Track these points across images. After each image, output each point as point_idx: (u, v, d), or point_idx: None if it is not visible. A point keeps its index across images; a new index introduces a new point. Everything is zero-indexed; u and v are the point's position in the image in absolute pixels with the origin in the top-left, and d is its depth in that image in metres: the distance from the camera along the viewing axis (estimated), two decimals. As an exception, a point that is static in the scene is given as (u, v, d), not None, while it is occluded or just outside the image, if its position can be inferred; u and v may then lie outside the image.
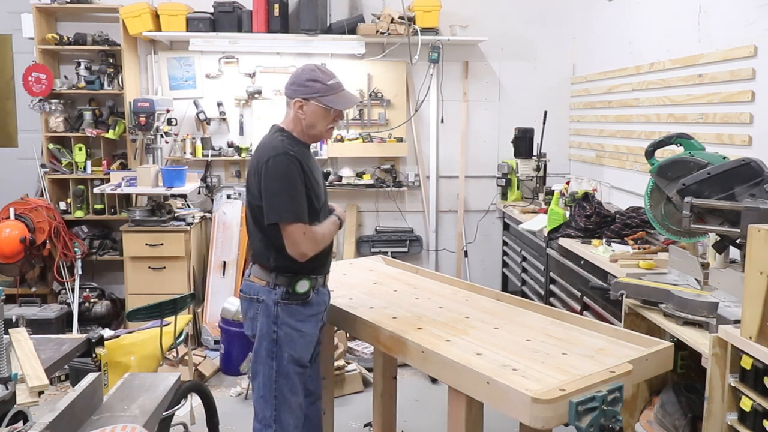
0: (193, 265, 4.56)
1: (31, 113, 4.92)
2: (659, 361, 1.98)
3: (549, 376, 1.82)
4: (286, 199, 2.22)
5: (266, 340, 2.33)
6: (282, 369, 2.33)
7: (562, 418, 1.66)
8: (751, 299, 1.87)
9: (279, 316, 2.32)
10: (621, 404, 1.76)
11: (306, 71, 2.35)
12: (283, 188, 2.22)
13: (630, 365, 1.85)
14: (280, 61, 5.05)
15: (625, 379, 1.80)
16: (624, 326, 2.62)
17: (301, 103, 2.32)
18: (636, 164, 4.02)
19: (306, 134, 2.39)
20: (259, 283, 2.36)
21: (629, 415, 2.69)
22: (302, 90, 2.32)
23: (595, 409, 1.69)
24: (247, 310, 2.41)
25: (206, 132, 5.07)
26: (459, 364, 1.90)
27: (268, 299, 2.33)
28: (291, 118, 2.38)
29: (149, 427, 1.74)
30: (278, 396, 2.34)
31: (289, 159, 2.24)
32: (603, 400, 1.71)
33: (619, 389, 1.76)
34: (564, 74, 5.27)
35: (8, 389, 1.76)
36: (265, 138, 2.39)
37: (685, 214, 2.43)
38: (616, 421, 1.72)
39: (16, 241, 4.39)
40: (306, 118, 2.33)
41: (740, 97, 3.00)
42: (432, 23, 4.86)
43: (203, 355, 4.32)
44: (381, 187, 5.11)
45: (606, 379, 1.77)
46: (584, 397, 1.68)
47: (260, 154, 2.30)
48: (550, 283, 3.97)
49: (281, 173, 2.22)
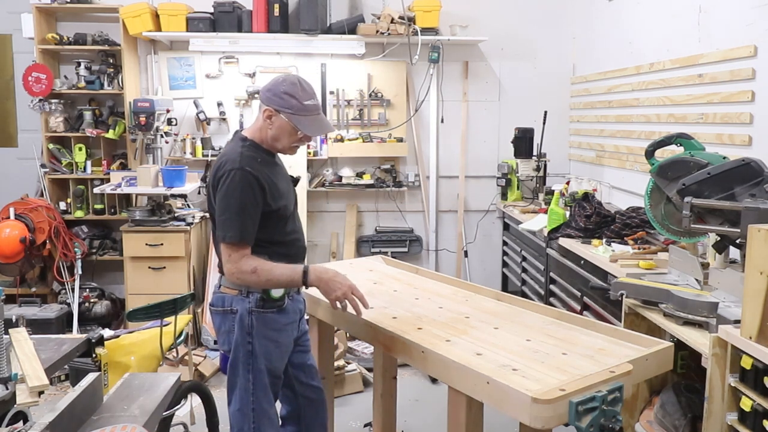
0: (193, 265, 4.56)
1: (31, 113, 4.93)
2: (659, 361, 1.98)
3: (549, 376, 1.82)
4: (234, 218, 2.13)
5: (242, 351, 2.26)
6: (258, 381, 2.27)
7: (562, 418, 1.66)
8: (751, 299, 1.87)
9: (254, 326, 2.24)
10: (621, 404, 1.76)
11: (286, 83, 2.22)
12: (232, 206, 2.13)
13: (630, 365, 1.84)
14: (280, 61, 5.05)
15: (625, 379, 1.80)
16: (624, 326, 2.62)
17: (271, 113, 2.21)
18: (636, 164, 4.02)
19: (269, 145, 2.29)
20: (231, 292, 2.27)
21: (629, 415, 2.69)
22: (275, 100, 2.21)
23: (595, 409, 1.69)
24: (221, 324, 2.31)
25: (206, 132, 5.07)
26: (459, 364, 1.89)
27: (242, 308, 2.24)
28: (258, 125, 2.28)
29: (149, 427, 1.74)
30: (256, 408, 2.28)
31: (244, 175, 2.14)
32: (603, 400, 1.70)
33: (619, 389, 1.76)
34: (564, 74, 5.27)
35: (8, 389, 1.76)
36: (227, 147, 2.31)
37: (685, 214, 2.43)
38: (616, 421, 1.72)
39: (16, 241, 4.39)
40: (272, 129, 2.23)
41: (740, 97, 3.00)
42: (432, 23, 4.87)
43: (203, 355, 4.32)
44: (381, 187, 5.11)
45: (606, 379, 1.76)
46: (584, 397, 1.67)
47: (218, 166, 2.20)
48: (550, 283, 3.97)
49: (233, 191, 2.13)
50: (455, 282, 2.87)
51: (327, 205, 5.25)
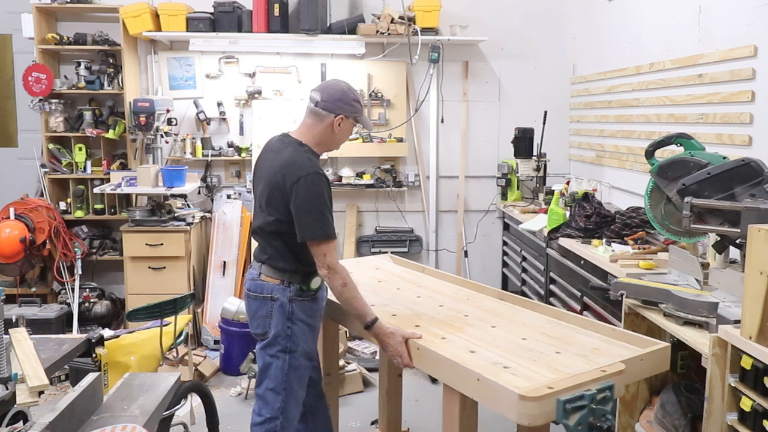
0: (193, 265, 4.56)
1: (31, 113, 4.93)
2: (655, 361, 1.98)
3: (539, 374, 1.83)
4: (320, 218, 2.29)
5: (281, 336, 2.40)
6: (294, 362, 2.43)
7: (549, 416, 1.67)
8: (751, 299, 1.87)
9: (294, 313, 2.41)
10: (612, 403, 1.76)
11: (351, 92, 2.44)
12: (316, 207, 2.29)
13: (622, 365, 1.84)
14: (280, 61, 5.05)
15: (616, 378, 1.80)
16: (624, 326, 2.62)
17: (342, 120, 2.41)
18: (636, 164, 4.02)
19: (326, 147, 2.49)
20: (273, 281, 2.42)
21: (629, 415, 2.69)
22: (348, 108, 2.41)
23: (583, 408, 1.69)
24: (257, 309, 2.45)
25: (206, 132, 5.07)
26: (452, 361, 1.91)
27: (283, 297, 2.40)
28: (319, 131, 2.42)
29: (149, 427, 1.74)
30: (287, 388, 2.43)
31: (320, 179, 2.31)
32: (592, 398, 1.71)
33: (610, 388, 1.76)
34: (564, 74, 5.27)
35: (8, 389, 1.76)
36: (288, 153, 2.37)
37: (685, 214, 2.43)
38: (605, 420, 1.72)
39: (16, 241, 4.39)
40: (339, 133, 2.43)
41: (740, 97, 3.00)
42: (432, 23, 4.86)
43: (203, 355, 4.32)
44: (381, 187, 5.11)
45: (596, 378, 1.77)
46: (572, 395, 1.69)
47: (288, 172, 2.31)
48: (550, 283, 3.97)
49: (314, 193, 2.28)
50: (459, 281, 2.88)
51: (327, 205, 5.25)
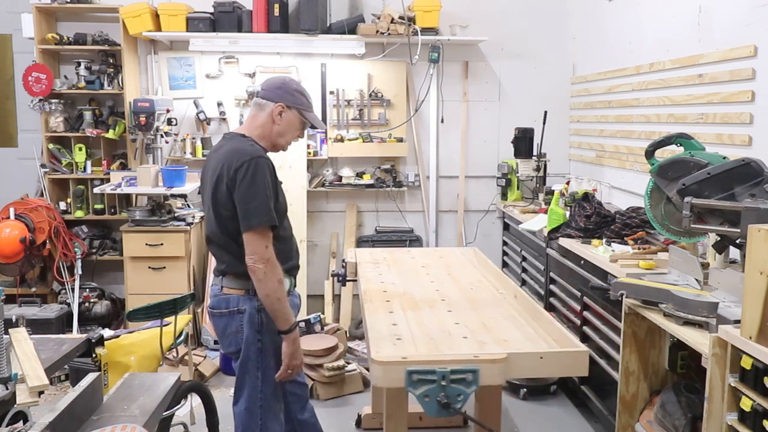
0: (193, 265, 4.56)
1: (31, 113, 4.93)
2: (563, 364, 1.97)
3: (417, 349, 2.02)
4: (262, 204, 2.18)
5: (252, 350, 2.30)
6: (268, 378, 2.32)
7: (398, 382, 1.84)
8: (751, 299, 1.87)
9: (263, 323, 2.30)
10: (475, 387, 1.83)
11: (293, 83, 2.38)
12: (261, 193, 2.18)
13: (503, 355, 1.90)
14: (280, 61, 5.05)
15: (488, 366, 1.86)
16: (624, 326, 2.63)
17: (282, 109, 2.32)
18: (636, 164, 4.02)
19: (270, 141, 2.36)
20: (236, 292, 2.31)
21: (629, 415, 2.69)
22: (288, 98, 2.33)
23: (433, 382, 1.81)
24: (226, 326, 2.34)
25: (206, 132, 5.07)
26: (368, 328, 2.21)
27: (250, 307, 2.29)
28: (260, 122, 2.34)
29: (149, 427, 1.74)
30: (263, 405, 2.33)
31: (265, 162, 2.22)
32: (443, 376, 1.82)
33: (473, 372, 1.83)
34: (564, 74, 5.27)
35: (8, 389, 1.76)
36: (230, 145, 2.30)
37: (685, 214, 2.43)
38: (457, 401, 1.81)
39: (16, 241, 4.39)
40: (280, 124, 2.33)
41: (740, 97, 3.00)
42: (432, 23, 4.86)
43: (203, 355, 4.32)
44: (381, 187, 5.11)
45: (459, 359, 1.87)
46: (422, 368, 1.83)
47: (231, 159, 2.21)
48: (550, 283, 3.97)
49: (258, 177, 2.18)
50: (499, 277, 2.97)
51: (327, 205, 5.25)
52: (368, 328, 2.22)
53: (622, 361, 2.68)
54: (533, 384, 3.82)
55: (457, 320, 2.33)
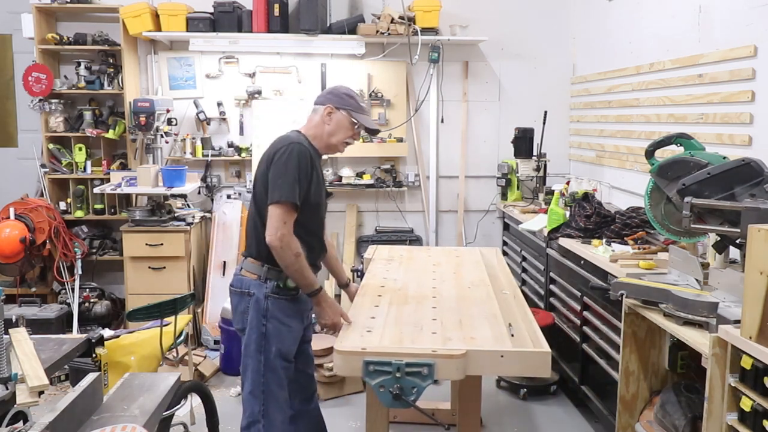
0: (193, 265, 4.56)
1: (31, 113, 4.93)
2: (525, 363, 2.01)
3: (380, 342, 2.07)
4: (288, 182, 2.30)
5: (255, 333, 2.40)
6: (269, 363, 2.41)
7: (355, 371, 1.93)
8: (751, 299, 1.87)
9: (269, 310, 2.41)
10: (430, 381, 1.91)
11: (343, 87, 2.56)
12: (288, 173, 2.30)
13: (462, 351, 1.95)
14: (280, 61, 5.05)
15: (445, 361, 1.92)
16: (624, 326, 2.63)
17: (331, 110, 2.47)
18: (636, 164, 4.02)
19: (323, 141, 2.50)
20: (251, 277, 2.43)
21: (629, 415, 2.69)
22: (336, 100, 2.49)
23: (388, 374, 1.90)
24: (237, 304, 2.47)
25: (206, 132, 5.07)
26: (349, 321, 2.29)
27: (259, 293, 2.40)
28: (314, 123, 2.51)
29: (149, 427, 1.74)
30: (266, 391, 2.41)
31: (301, 149, 2.35)
32: (398, 368, 1.90)
33: (429, 366, 1.91)
34: (564, 74, 5.27)
35: (8, 389, 1.76)
36: (282, 134, 2.48)
37: (685, 214, 2.43)
38: (411, 393, 1.88)
39: (16, 241, 4.39)
40: (330, 125, 2.48)
41: (740, 97, 3.00)
42: (432, 23, 4.86)
43: (203, 355, 4.32)
44: (381, 187, 5.11)
45: (414, 353, 1.94)
46: (378, 360, 1.91)
47: (276, 144, 2.39)
48: (550, 283, 3.97)
49: (289, 160, 2.31)
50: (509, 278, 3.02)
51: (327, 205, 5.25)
52: (345, 323, 2.31)
53: (622, 361, 2.68)
54: (533, 384, 3.82)
55: (435, 316, 2.36)
